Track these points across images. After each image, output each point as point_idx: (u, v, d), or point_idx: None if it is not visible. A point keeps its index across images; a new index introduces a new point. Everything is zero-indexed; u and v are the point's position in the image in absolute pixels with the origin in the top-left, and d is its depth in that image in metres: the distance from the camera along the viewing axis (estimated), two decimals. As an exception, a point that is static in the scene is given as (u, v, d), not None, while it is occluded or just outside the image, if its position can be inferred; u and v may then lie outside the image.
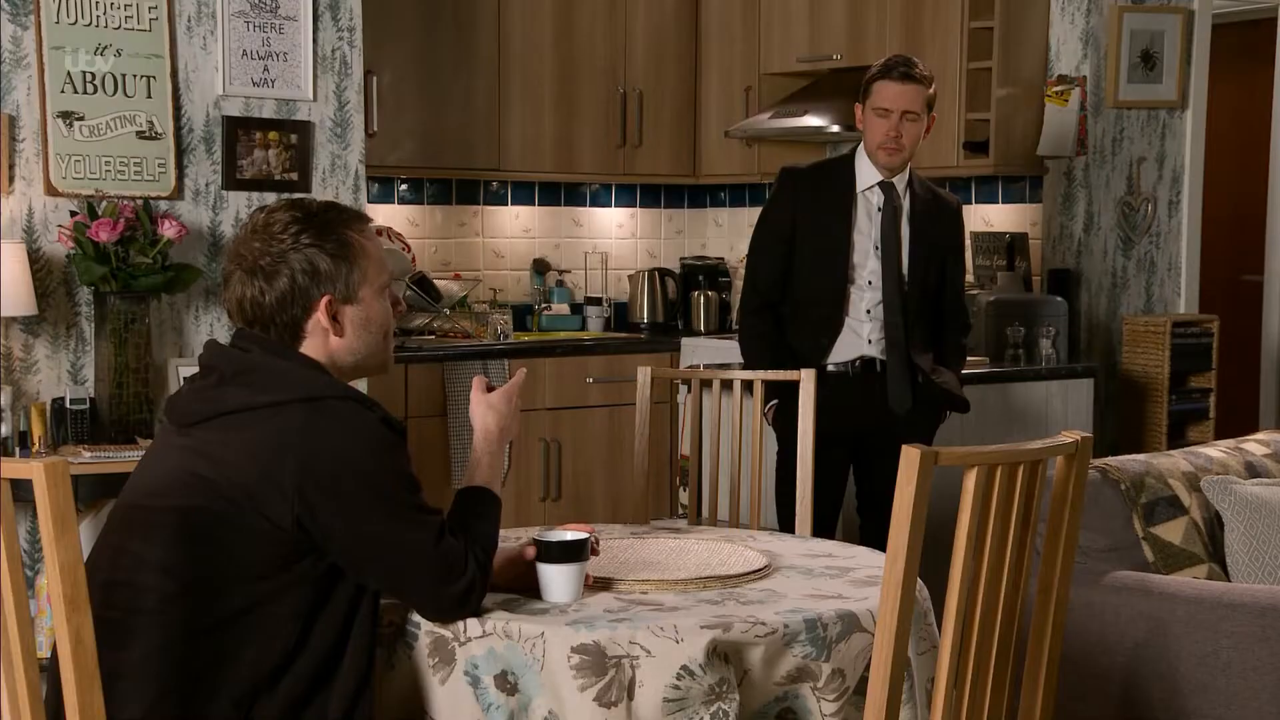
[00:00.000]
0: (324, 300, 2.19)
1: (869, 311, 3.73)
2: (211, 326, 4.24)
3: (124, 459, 3.76)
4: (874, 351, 3.75)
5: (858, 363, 3.75)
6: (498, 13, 5.27)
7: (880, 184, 3.74)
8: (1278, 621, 2.88)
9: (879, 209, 3.74)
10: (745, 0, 5.56)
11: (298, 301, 2.18)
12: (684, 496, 4.77)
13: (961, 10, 4.87)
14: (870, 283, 3.73)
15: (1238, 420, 5.59)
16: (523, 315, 5.64)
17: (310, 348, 2.22)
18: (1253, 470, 3.48)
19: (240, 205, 4.28)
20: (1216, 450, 3.54)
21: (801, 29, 5.37)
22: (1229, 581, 3.24)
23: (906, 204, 3.76)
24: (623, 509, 5.19)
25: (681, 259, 6.03)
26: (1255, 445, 3.62)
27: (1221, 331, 5.03)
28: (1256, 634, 2.91)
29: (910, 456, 1.89)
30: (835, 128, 5.14)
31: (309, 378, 2.18)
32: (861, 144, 3.78)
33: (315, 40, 4.36)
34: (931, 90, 3.71)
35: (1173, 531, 3.29)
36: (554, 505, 5.12)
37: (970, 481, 1.94)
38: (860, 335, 3.75)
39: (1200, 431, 4.98)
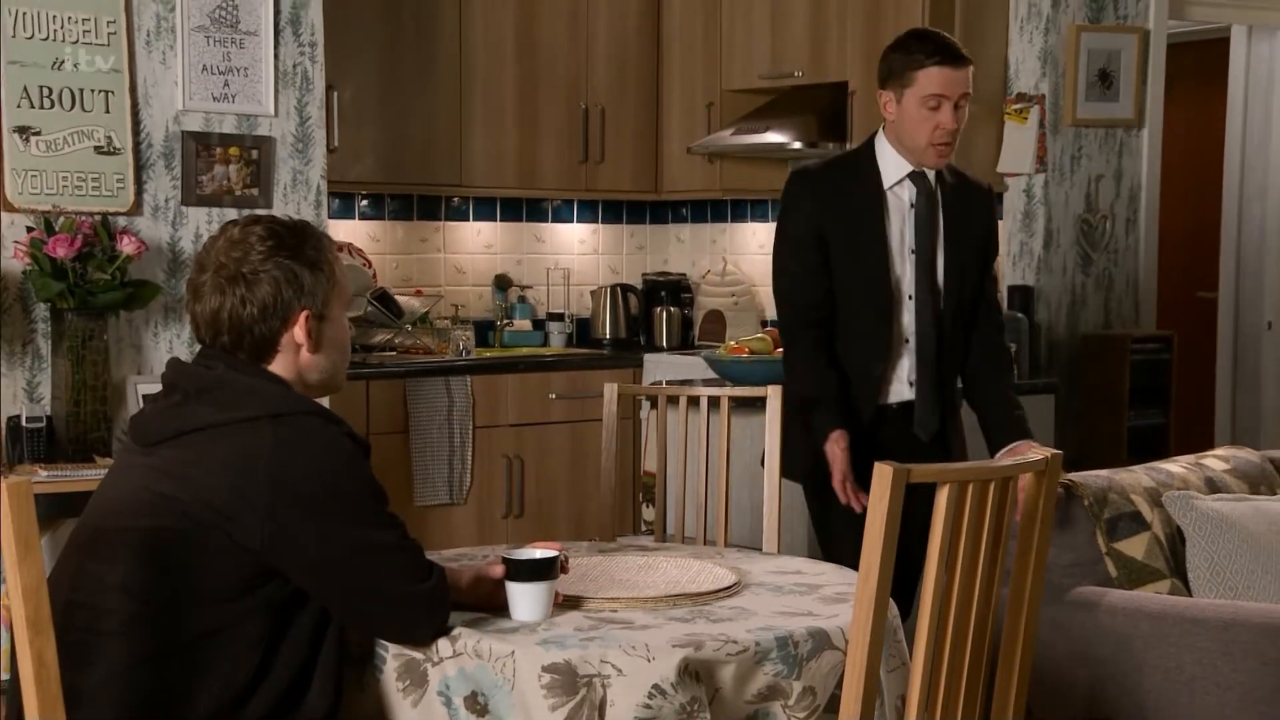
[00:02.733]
0: (303, 314, 2.18)
1: (908, 342, 3.26)
2: (171, 343, 4.20)
3: (82, 478, 3.70)
4: (909, 393, 3.27)
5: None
6: (459, 28, 5.25)
7: (911, 175, 3.24)
8: (1241, 636, 2.90)
9: (911, 204, 3.25)
10: (707, 17, 5.57)
11: (278, 313, 2.16)
12: (647, 513, 4.76)
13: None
14: (911, 295, 3.25)
15: (1195, 435, 5.64)
16: (484, 331, 5.61)
17: (279, 364, 2.20)
18: (1213, 486, 3.51)
19: (200, 221, 4.25)
20: (1177, 466, 3.57)
21: (763, 46, 5.39)
22: (1190, 596, 3.26)
23: (939, 195, 3.27)
24: (586, 526, 5.18)
25: (643, 275, 6.03)
26: (1215, 461, 3.64)
27: (1178, 347, 5.07)
28: (1220, 649, 2.93)
29: (882, 474, 1.89)
30: (797, 144, 5.16)
31: (275, 393, 2.16)
32: (880, 135, 3.28)
33: (276, 55, 4.33)
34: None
35: (1135, 547, 3.31)
36: (516, 522, 5.09)
37: (942, 499, 1.94)
38: (906, 365, 3.27)
39: (1160, 447, 5.02)
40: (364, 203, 5.42)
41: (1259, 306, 5.84)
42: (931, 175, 3.25)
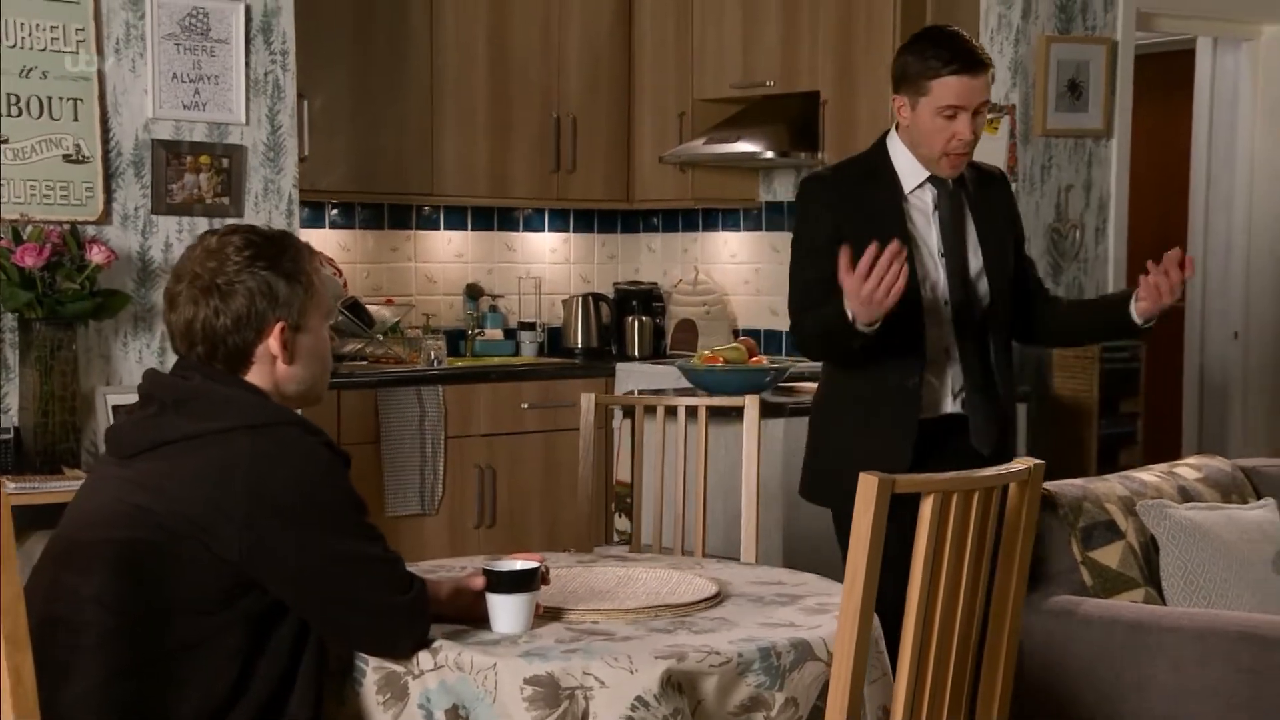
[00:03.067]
0: (278, 326, 2.16)
1: (949, 351, 3.07)
2: (141, 354, 4.16)
3: (50, 490, 3.66)
4: (953, 405, 3.08)
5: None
6: (430, 36, 5.24)
7: (931, 179, 3.07)
8: (1217, 645, 2.91)
9: (935, 208, 3.07)
10: (679, 26, 5.58)
11: (252, 324, 2.14)
12: (620, 523, 4.75)
13: (893, 39, 4.91)
14: (946, 302, 3.05)
15: (1164, 444, 5.67)
16: (456, 341, 5.59)
17: (255, 375, 2.18)
18: (1186, 494, 3.53)
19: (170, 230, 4.21)
20: (1151, 475, 3.59)
21: (735, 56, 5.40)
22: (1165, 605, 3.27)
23: (963, 196, 3.10)
24: (559, 536, 5.16)
25: (615, 284, 6.02)
26: (1188, 470, 3.66)
27: (1147, 357, 5.10)
28: (1195, 657, 2.94)
29: (867, 484, 1.89)
30: (769, 154, 5.16)
31: (253, 404, 2.14)
32: (892, 136, 3.11)
33: (248, 63, 4.30)
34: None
35: (1110, 556, 3.32)
36: (489, 532, 5.07)
37: (926, 508, 1.94)
38: (950, 377, 3.07)
39: (1129, 455, 5.04)
40: (334, 212, 5.39)
41: (1226, 316, 5.88)
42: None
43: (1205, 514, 3.37)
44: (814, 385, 4.45)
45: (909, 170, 3.06)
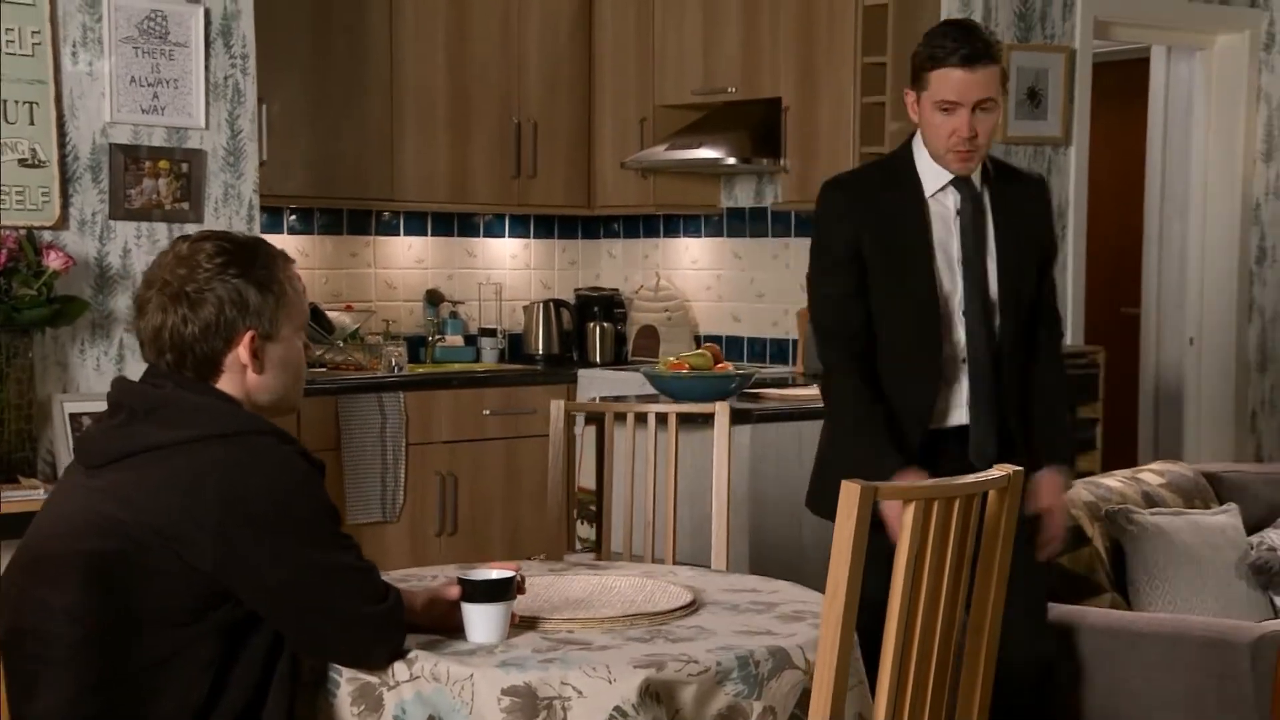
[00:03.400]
0: (248, 335, 2.13)
1: (964, 362, 2.94)
2: (99, 361, 4.10)
3: (6, 499, 3.60)
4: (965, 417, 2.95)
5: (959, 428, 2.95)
6: (390, 40, 5.20)
7: (954, 181, 2.93)
8: (1186, 651, 2.93)
9: (956, 212, 2.94)
10: (639, 32, 5.57)
11: (221, 333, 2.11)
12: (583, 530, 4.73)
13: (855, 46, 4.93)
14: (963, 311, 2.93)
15: (1121, 450, 5.72)
16: (416, 347, 5.56)
17: (226, 383, 2.15)
18: (1150, 500, 3.56)
19: (129, 236, 4.16)
20: (1115, 480, 3.61)
21: (695, 62, 5.39)
22: (1130, 610, 3.29)
23: (987, 200, 2.96)
24: (521, 543, 5.13)
25: (576, 290, 6.01)
26: (1151, 475, 3.69)
27: (1105, 363, 5.14)
28: (1163, 663, 2.96)
29: (850, 492, 1.88)
30: (731, 160, 5.17)
31: (225, 412, 2.11)
32: (916, 137, 2.98)
33: (207, 67, 4.25)
34: (1000, 63, 2.87)
35: (1077, 561, 3.34)
36: (450, 540, 5.04)
37: (908, 516, 1.94)
38: (962, 387, 2.95)
39: (1089, 461, 5.07)
40: (293, 217, 5.35)
41: (1181, 322, 5.94)
42: (977, 178, 2.94)
43: (1170, 519, 3.40)
44: (780, 392, 4.47)
45: (931, 172, 2.93)
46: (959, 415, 2.94)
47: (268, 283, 2.14)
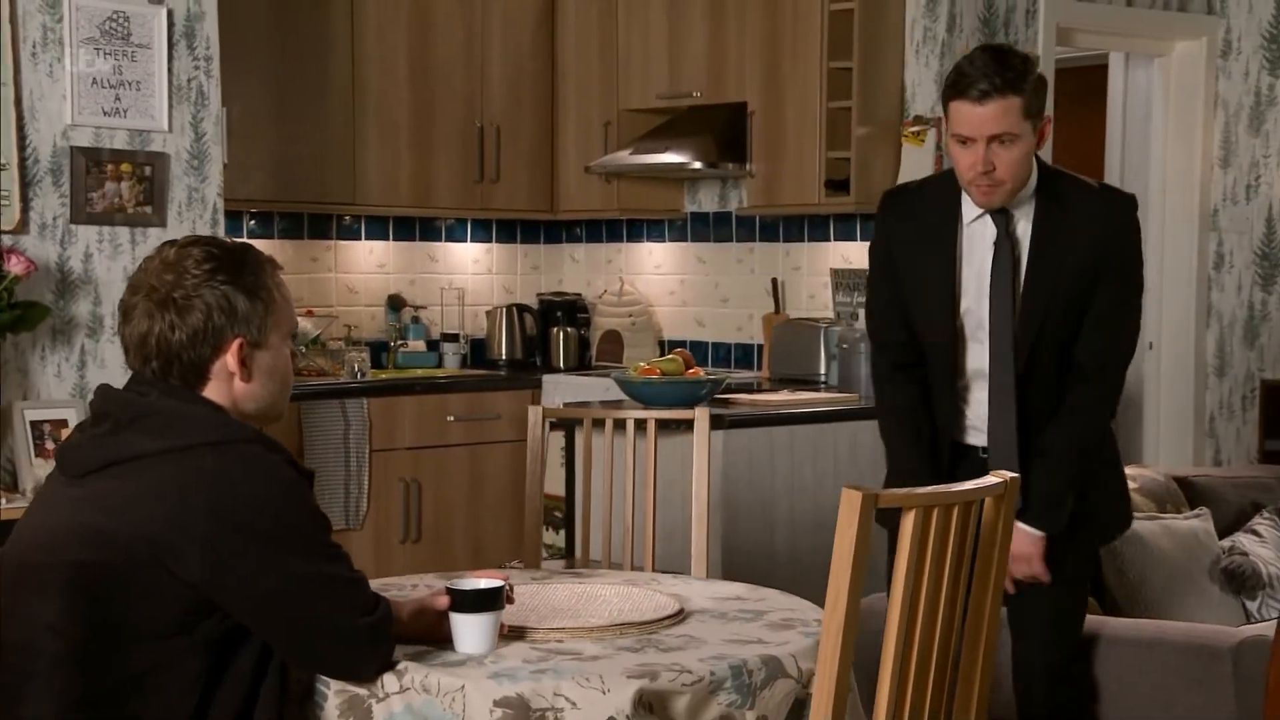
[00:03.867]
0: (236, 342, 2.09)
1: (985, 385, 2.85)
2: (60, 367, 4.03)
3: (-33, 508, 3.54)
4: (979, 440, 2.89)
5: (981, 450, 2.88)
6: (352, 43, 5.15)
7: (989, 210, 2.81)
8: (1164, 656, 2.94)
9: (994, 242, 2.82)
10: (603, 36, 5.55)
11: (209, 340, 2.07)
12: (549, 536, 4.70)
13: (820, 51, 4.93)
14: (987, 332, 2.83)
15: (1081, 452, 5.74)
16: (378, 352, 5.50)
17: (213, 391, 2.11)
18: (1122, 503, 3.57)
19: (90, 240, 4.09)
20: (1087, 484, 3.62)
21: (660, 66, 5.38)
22: (1106, 615, 3.30)
23: (1028, 229, 2.80)
24: (485, 550, 5.09)
25: (539, 295, 5.98)
26: (1122, 479, 3.71)
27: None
28: (1139, 667, 2.97)
29: (850, 499, 1.87)
30: (696, 164, 5.15)
31: (213, 421, 2.07)
32: None
33: (170, 69, 4.19)
34: (1027, 93, 2.69)
35: (1052, 565, 3.34)
36: (414, 547, 5.00)
37: (908, 523, 1.93)
38: (977, 413, 2.88)
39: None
40: (253, 221, 5.28)
41: (1141, 327, 5.97)
42: (1023, 207, 2.80)
43: (1143, 524, 3.41)
44: (751, 397, 4.46)
45: (970, 201, 2.83)
46: (978, 437, 2.88)
47: (256, 289, 2.11)
